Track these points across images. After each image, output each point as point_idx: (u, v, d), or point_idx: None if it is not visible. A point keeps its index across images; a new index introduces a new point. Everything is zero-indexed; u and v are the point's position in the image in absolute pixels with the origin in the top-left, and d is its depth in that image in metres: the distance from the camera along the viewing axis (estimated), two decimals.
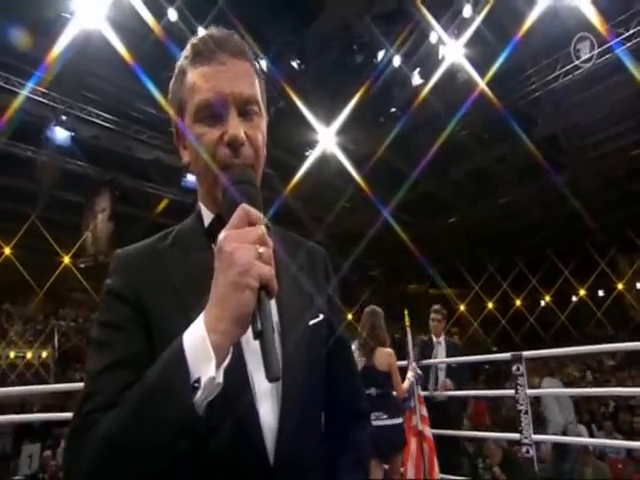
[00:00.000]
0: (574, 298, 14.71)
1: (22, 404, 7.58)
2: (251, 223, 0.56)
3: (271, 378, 0.52)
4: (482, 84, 6.83)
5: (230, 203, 0.60)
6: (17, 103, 6.11)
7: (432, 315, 4.13)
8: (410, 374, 3.26)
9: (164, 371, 0.54)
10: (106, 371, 0.61)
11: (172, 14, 5.46)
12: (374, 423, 2.92)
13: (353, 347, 3.17)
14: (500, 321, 14.78)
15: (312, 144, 8.27)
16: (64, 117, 6.49)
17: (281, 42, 5.58)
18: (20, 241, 9.83)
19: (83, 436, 0.56)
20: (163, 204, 9.41)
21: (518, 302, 15.10)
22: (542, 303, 15.22)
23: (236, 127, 0.67)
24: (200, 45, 0.71)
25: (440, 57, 7.08)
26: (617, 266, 13.85)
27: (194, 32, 5.66)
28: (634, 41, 6.11)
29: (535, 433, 2.71)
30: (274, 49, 6.22)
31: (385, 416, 3.04)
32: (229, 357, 0.55)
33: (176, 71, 0.74)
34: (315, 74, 6.65)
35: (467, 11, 6.37)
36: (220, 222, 0.64)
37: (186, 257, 0.70)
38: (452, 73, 7.20)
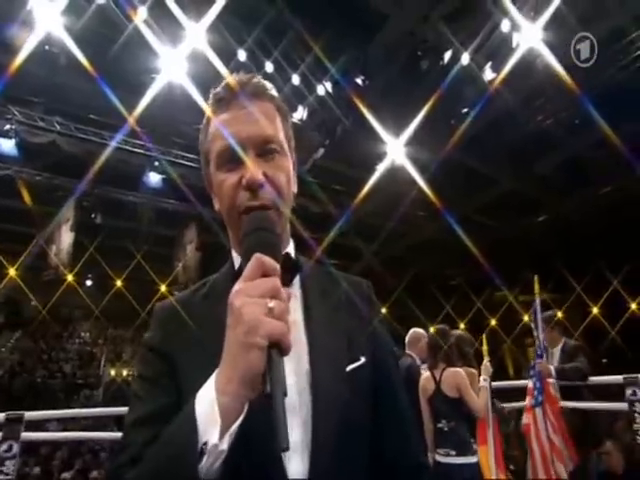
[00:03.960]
0: None
1: None
2: (265, 274, 0.53)
3: (278, 449, 0.47)
4: (561, 70, 6.19)
5: (247, 252, 0.57)
6: (115, 155, 6.94)
7: None
8: (482, 378, 2.79)
9: (176, 433, 0.55)
10: (136, 425, 0.64)
11: (241, 54, 5.81)
12: (441, 460, 2.60)
13: (423, 372, 2.90)
14: (608, 330, 12.56)
15: (382, 156, 8.16)
16: (156, 163, 7.25)
17: (344, 60, 5.62)
18: (127, 273, 11.10)
19: None
20: None
21: (634, 306, 12.94)
22: None
23: (253, 169, 0.66)
24: (220, 93, 0.71)
25: (514, 45, 6.56)
26: None
27: (261, 68, 5.97)
28: None
29: None
30: (337, 68, 6.30)
31: (453, 452, 2.58)
32: (242, 417, 0.52)
33: (203, 122, 0.74)
34: (380, 87, 6.59)
35: None
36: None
37: (216, 307, 0.68)
38: (528, 61, 6.63)
